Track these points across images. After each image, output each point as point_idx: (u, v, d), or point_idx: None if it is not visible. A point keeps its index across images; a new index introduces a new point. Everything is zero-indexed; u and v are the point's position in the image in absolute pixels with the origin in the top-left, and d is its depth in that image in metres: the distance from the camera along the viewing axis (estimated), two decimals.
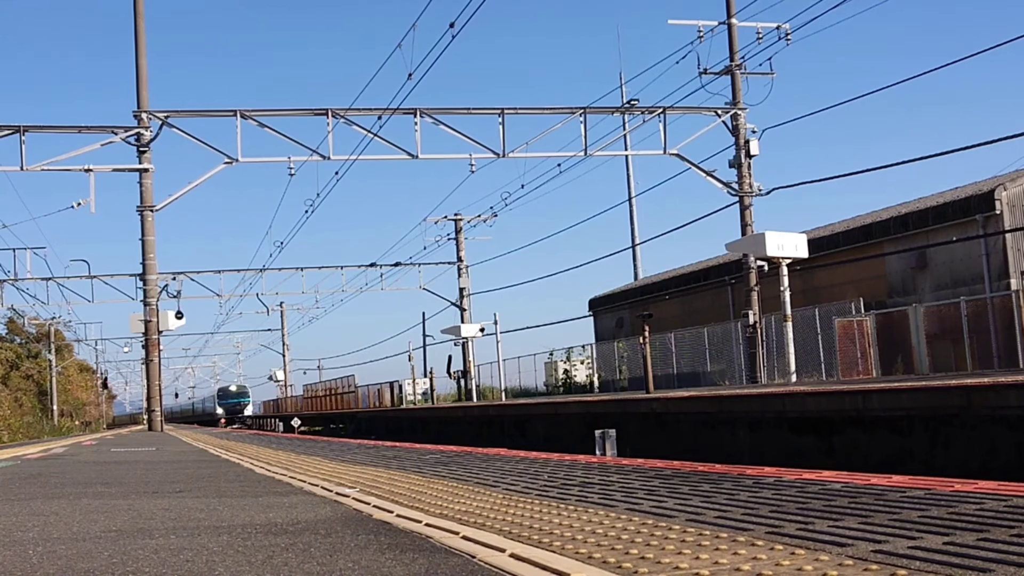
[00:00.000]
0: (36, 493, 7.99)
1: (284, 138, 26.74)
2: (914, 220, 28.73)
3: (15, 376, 66.74)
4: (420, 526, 4.77)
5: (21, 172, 26.03)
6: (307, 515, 5.53)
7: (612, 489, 6.05)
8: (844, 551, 3.49)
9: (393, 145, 26.82)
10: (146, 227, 28.36)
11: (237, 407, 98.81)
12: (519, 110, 27.83)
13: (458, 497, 6.04)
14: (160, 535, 4.89)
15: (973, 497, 4.79)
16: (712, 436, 18.84)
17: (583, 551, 3.75)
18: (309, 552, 4.15)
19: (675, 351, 36.58)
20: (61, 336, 72.19)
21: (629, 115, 28.66)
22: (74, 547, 4.57)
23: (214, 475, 9.44)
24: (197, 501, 6.70)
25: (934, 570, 3.10)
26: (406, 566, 3.70)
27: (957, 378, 16.16)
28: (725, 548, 3.66)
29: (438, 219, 45.92)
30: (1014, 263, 25.93)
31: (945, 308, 25.00)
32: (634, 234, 63.00)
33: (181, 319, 30.42)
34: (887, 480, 5.69)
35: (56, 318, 63.38)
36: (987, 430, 12.54)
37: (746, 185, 27.81)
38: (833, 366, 26.93)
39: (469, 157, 27.22)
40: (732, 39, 27.81)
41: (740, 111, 27.83)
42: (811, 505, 4.80)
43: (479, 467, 8.57)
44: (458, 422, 32.27)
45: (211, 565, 3.92)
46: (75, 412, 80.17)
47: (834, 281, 30.60)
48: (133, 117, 27.72)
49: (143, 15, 29.25)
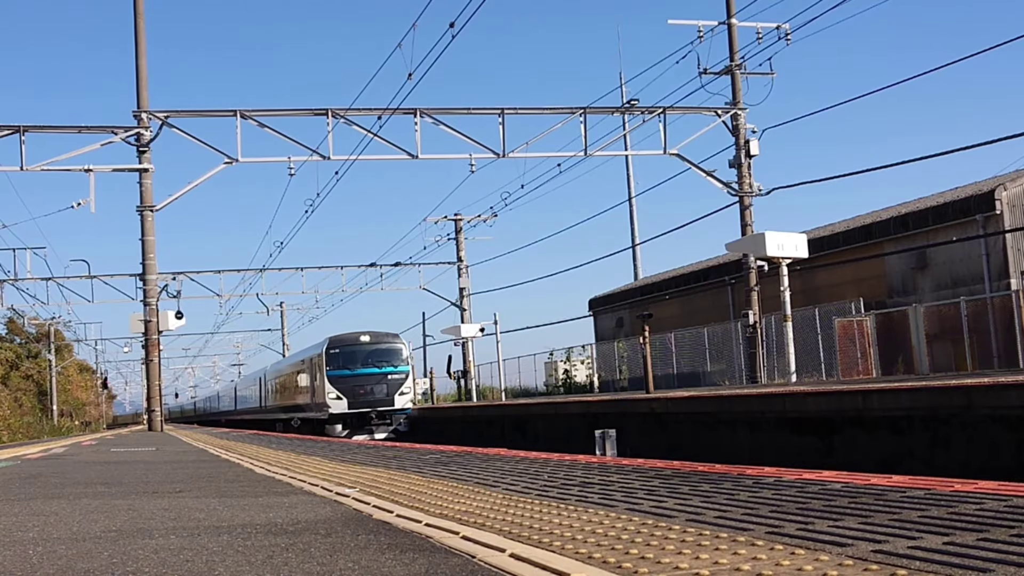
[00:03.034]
0: (36, 493, 7.99)
1: (284, 138, 26.75)
2: (914, 220, 28.73)
3: (15, 376, 66.71)
4: (420, 526, 4.76)
5: (21, 172, 26.02)
6: (307, 515, 5.53)
7: (612, 489, 6.04)
8: (844, 551, 3.49)
9: (393, 145, 26.84)
10: (146, 227, 28.36)
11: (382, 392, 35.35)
12: (519, 110, 27.83)
13: (458, 497, 6.03)
14: (160, 535, 4.89)
15: (973, 497, 4.79)
16: (712, 436, 18.84)
17: (583, 551, 3.75)
18: (309, 552, 4.14)
19: (675, 351, 36.57)
20: (61, 336, 72.16)
21: (629, 115, 28.66)
22: (74, 547, 4.57)
23: (214, 475, 9.44)
24: (197, 501, 6.70)
25: (934, 570, 3.10)
26: (406, 566, 3.70)
27: (957, 378, 16.15)
28: (725, 548, 3.66)
29: (438, 219, 45.89)
30: (1014, 263, 25.92)
31: (945, 308, 25.00)
32: (634, 234, 63.00)
33: (181, 319, 30.41)
34: (887, 480, 5.69)
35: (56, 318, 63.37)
36: (987, 430, 12.54)
37: (746, 185, 27.80)
38: (833, 366, 26.92)
39: (469, 157, 27.22)
40: (732, 39, 27.81)
41: (740, 111, 27.83)
42: (811, 505, 4.79)
43: (479, 467, 8.57)
44: (458, 422, 32.28)
45: (211, 565, 3.91)
46: (75, 412, 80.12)
47: (834, 281, 30.60)
48: (133, 117, 27.71)
49: (143, 15, 29.26)
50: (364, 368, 34.38)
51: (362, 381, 34.14)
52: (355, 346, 34.80)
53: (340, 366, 34.44)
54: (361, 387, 34.05)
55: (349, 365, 34.40)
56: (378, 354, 34.71)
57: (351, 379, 34.17)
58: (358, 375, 34.24)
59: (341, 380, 34.14)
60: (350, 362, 34.51)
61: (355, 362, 34.51)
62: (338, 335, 35.56)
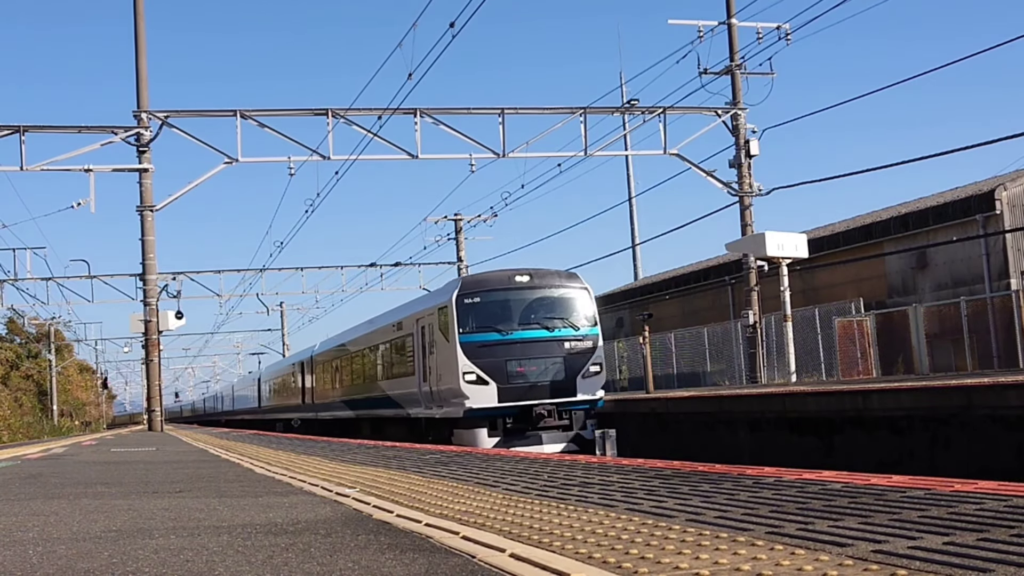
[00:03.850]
0: (36, 493, 7.99)
1: (284, 138, 26.74)
2: (914, 220, 28.73)
3: (15, 376, 66.68)
4: (420, 526, 4.76)
5: (21, 172, 26.00)
6: (307, 515, 5.53)
7: (612, 489, 6.04)
8: (844, 551, 3.49)
9: (393, 145, 26.82)
10: (146, 227, 28.36)
11: (556, 372, 20.51)
12: (519, 110, 27.82)
13: (458, 497, 6.03)
14: (160, 535, 4.89)
15: (973, 497, 4.78)
16: (712, 436, 18.85)
17: (583, 551, 3.75)
18: (309, 552, 4.14)
19: (675, 351, 36.55)
20: (61, 336, 72.13)
21: (629, 115, 28.65)
22: (74, 547, 4.57)
23: (214, 475, 9.44)
24: (197, 501, 6.70)
25: (934, 570, 3.10)
26: (406, 566, 3.70)
27: (957, 378, 16.16)
28: (725, 548, 3.66)
29: (438, 219, 45.87)
30: (1014, 263, 25.92)
31: (945, 308, 24.99)
32: (634, 234, 62.93)
33: (181, 319, 30.42)
34: (887, 480, 5.69)
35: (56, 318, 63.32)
36: (987, 430, 12.54)
37: (746, 185, 27.80)
38: (833, 366, 26.91)
39: (469, 157, 27.21)
40: (732, 39, 27.80)
41: (740, 111, 27.82)
42: (811, 505, 4.79)
43: (479, 467, 8.57)
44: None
45: (211, 565, 3.91)
46: (75, 412, 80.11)
47: (834, 281, 30.59)
48: (133, 117, 27.71)
49: (143, 15, 29.25)
50: (524, 330, 20.66)
51: (523, 352, 20.42)
52: (508, 292, 21.02)
53: (481, 326, 20.66)
54: (521, 363, 20.35)
55: (498, 325, 20.57)
56: (548, 306, 21.05)
57: (503, 348, 20.32)
58: (514, 341, 20.46)
59: (486, 351, 20.27)
60: (500, 319, 20.68)
61: (509, 320, 20.73)
62: (474, 275, 23.60)
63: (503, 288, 21.01)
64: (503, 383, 19.93)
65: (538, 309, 20.91)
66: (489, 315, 20.72)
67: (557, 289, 21.17)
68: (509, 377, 20.02)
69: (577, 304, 21.05)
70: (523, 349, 20.30)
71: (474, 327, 20.53)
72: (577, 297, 21.14)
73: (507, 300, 20.95)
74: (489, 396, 19.87)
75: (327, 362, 35.54)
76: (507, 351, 20.24)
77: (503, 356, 20.19)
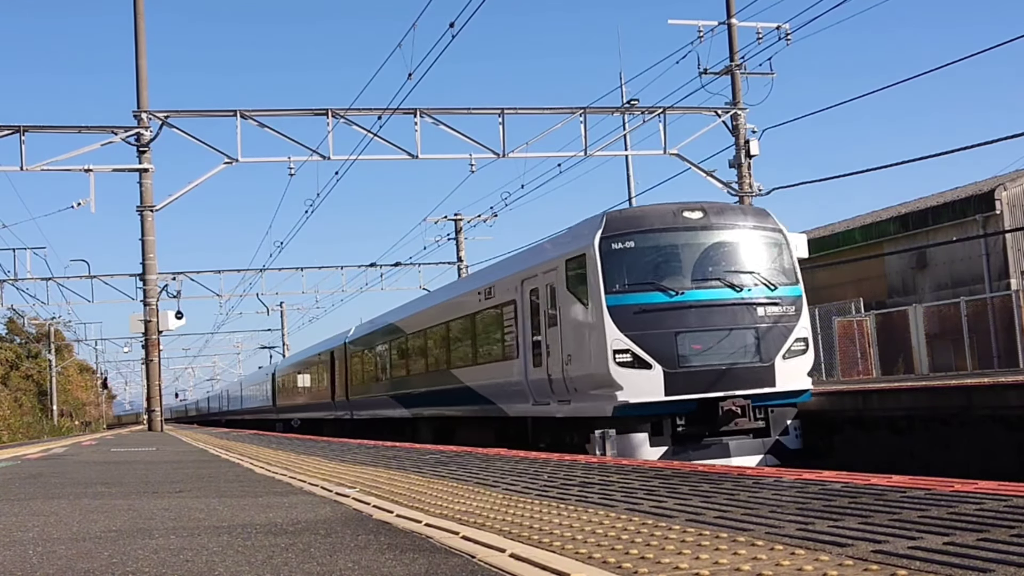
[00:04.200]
0: (36, 493, 7.99)
1: (284, 138, 26.72)
2: (914, 220, 28.74)
3: (15, 376, 66.73)
4: (420, 526, 4.76)
5: (21, 172, 25.97)
6: (307, 515, 5.52)
7: (612, 489, 6.04)
8: (844, 551, 3.49)
9: (393, 145, 26.80)
10: (146, 227, 28.35)
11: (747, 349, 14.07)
12: (519, 110, 27.82)
13: (458, 497, 6.03)
14: (160, 535, 4.89)
15: (973, 497, 4.79)
16: None
17: (583, 551, 3.75)
18: (309, 552, 4.14)
19: None
20: (61, 336, 72.13)
21: (629, 115, 28.64)
22: (74, 547, 4.57)
23: (214, 475, 9.44)
24: (197, 501, 6.69)
25: (934, 570, 3.10)
26: (406, 566, 3.70)
27: (957, 378, 16.16)
28: (725, 548, 3.66)
29: (438, 219, 45.85)
30: (1014, 263, 25.93)
31: (945, 308, 24.98)
32: None
33: (181, 319, 30.41)
34: (887, 480, 5.69)
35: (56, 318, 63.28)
36: (987, 430, 12.54)
37: (746, 185, 27.78)
38: (833, 366, 26.90)
39: (469, 157, 27.19)
40: (732, 39, 27.79)
41: (740, 111, 27.82)
42: (811, 505, 4.79)
43: (479, 467, 8.57)
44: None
45: (211, 565, 3.91)
46: (75, 412, 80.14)
47: (834, 281, 30.59)
48: (133, 117, 27.70)
49: (143, 15, 29.24)
50: (701, 288, 14.40)
51: (701, 320, 14.22)
52: (676, 233, 14.76)
53: (636, 284, 14.41)
54: (700, 337, 14.16)
55: (663, 282, 14.34)
56: (732, 254, 14.91)
57: (672, 316, 14.14)
58: (688, 304, 14.22)
59: (646, 320, 14.09)
60: (666, 273, 14.52)
61: (678, 273, 14.52)
62: (624, 211, 16.31)
63: (668, 228, 14.69)
64: (672, 367, 13.84)
65: (719, 259, 14.76)
66: (649, 267, 14.56)
67: (743, 230, 15.06)
68: (681, 358, 13.91)
69: (772, 252, 15.18)
70: (701, 316, 14.14)
71: (626, 285, 14.29)
72: (772, 242, 15.26)
73: (675, 246, 14.71)
74: (652, 385, 13.83)
75: (368, 349, 28.85)
76: (678, 319, 14.07)
77: (672, 326, 14.01)
